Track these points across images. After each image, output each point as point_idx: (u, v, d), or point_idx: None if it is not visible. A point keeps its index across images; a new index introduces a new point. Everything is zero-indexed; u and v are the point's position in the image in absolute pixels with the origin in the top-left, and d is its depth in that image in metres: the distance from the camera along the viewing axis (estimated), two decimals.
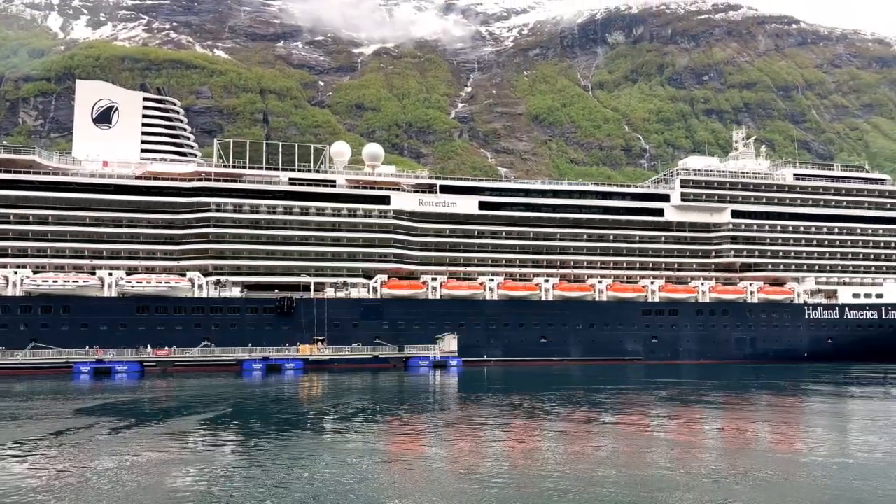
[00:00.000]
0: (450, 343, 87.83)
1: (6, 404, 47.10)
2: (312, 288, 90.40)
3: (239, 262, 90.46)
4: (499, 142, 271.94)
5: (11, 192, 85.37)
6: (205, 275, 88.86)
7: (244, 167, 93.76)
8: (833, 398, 52.29)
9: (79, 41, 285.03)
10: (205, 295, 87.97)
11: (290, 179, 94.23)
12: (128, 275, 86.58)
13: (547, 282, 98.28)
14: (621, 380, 68.89)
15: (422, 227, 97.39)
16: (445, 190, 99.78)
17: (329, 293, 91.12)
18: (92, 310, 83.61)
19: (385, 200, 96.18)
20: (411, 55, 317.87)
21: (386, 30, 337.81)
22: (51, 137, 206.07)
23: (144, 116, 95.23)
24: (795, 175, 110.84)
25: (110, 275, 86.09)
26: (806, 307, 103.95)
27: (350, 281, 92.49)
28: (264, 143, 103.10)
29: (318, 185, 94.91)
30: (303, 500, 20.58)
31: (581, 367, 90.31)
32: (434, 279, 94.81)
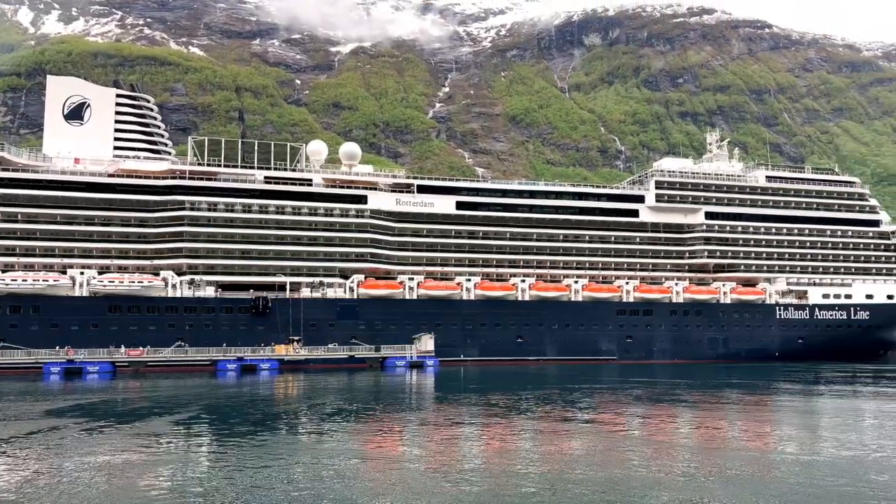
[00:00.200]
0: (426, 343, 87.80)
1: None
2: (288, 288, 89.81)
3: (213, 261, 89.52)
4: (476, 142, 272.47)
5: None
6: (179, 274, 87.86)
7: (219, 165, 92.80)
8: (803, 397, 53.19)
9: (50, 36, 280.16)
10: (179, 294, 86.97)
11: (265, 178, 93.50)
12: (100, 274, 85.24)
13: (523, 282, 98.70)
14: (596, 379, 69.42)
15: (399, 227, 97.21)
16: (423, 190, 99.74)
17: (305, 293, 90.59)
18: (63, 309, 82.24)
19: (362, 200, 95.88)
20: (389, 54, 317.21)
21: (363, 29, 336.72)
22: (20, 134, 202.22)
23: (117, 113, 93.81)
24: (767, 177, 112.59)
25: (82, 274, 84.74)
26: (777, 307, 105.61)
27: (326, 281, 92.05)
28: (240, 141, 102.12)
29: (295, 184, 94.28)
30: (278, 501, 20.45)
31: (557, 366, 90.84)
32: (411, 279, 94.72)
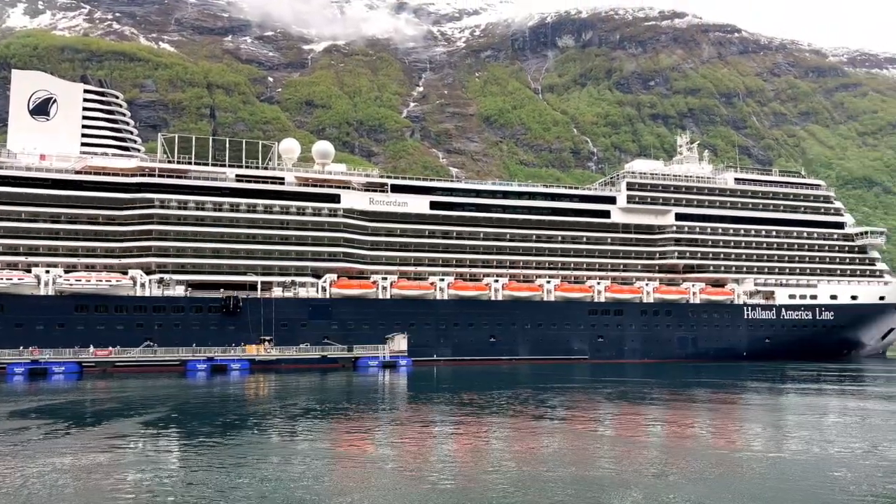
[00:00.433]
0: (400, 343, 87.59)
1: None
2: (259, 287, 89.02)
3: (183, 260, 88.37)
4: (450, 142, 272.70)
5: None
6: (147, 273, 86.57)
7: (190, 163, 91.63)
8: (770, 395, 54.15)
9: (15, 30, 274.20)
10: (147, 294, 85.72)
11: (237, 176, 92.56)
12: (66, 273, 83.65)
13: (497, 282, 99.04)
14: (568, 379, 69.91)
15: (372, 227, 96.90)
16: (396, 189, 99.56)
17: (277, 292, 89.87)
18: (27, 309, 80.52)
19: (335, 199, 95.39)
20: (363, 53, 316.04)
21: (337, 27, 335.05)
22: None
23: (85, 109, 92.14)
24: (736, 179, 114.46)
25: (47, 272, 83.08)
26: (745, 307, 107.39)
27: (298, 280, 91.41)
28: (211, 138, 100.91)
29: (267, 182, 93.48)
30: (249, 502, 20.27)
31: (529, 366, 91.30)
32: (384, 279, 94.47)
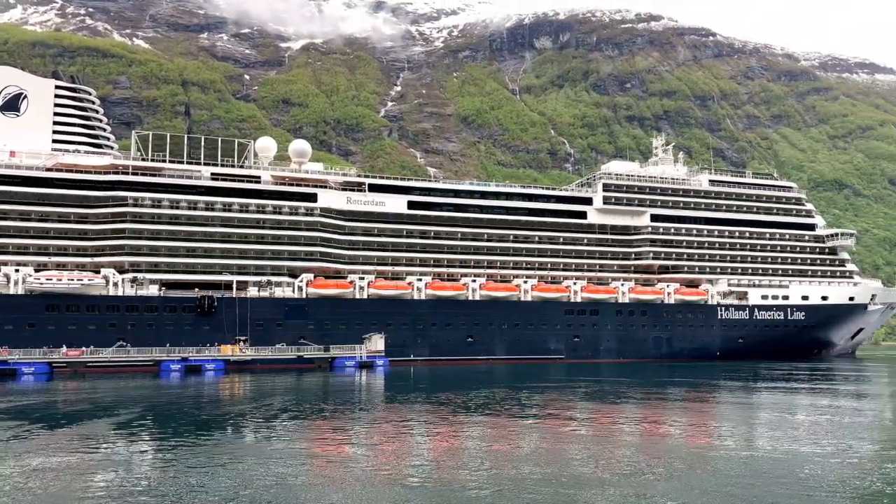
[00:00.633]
0: (377, 343, 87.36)
1: None
2: (235, 287, 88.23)
3: (157, 259, 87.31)
4: (428, 142, 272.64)
5: None
6: (120, 272, 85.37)
7: (164, 161, 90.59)
8: (743, 394, 54.88)
9: None
10: (120, 293, 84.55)
11: (212, 175, 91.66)
12: (36, 271, 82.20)
13: (474, 282, 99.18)
14: (544, 378, 70.24)
15: (350, 226, 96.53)
16: (374, 189, 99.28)
17: (252, 292, 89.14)
18: None
19: (312, 198, 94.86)
20: (340, 52, 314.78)
21: (314, 25, 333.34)
22: None
23: (56, 105, 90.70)
24: (711, 181, 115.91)
25: (17, 271, 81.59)
26: (719, 308, 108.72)
27: (274, 280, 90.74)
28: (186, 136, 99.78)
29: (242, 180, 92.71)
30: (222, 503, 20.07)
31: (506, 365, 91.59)
32: (362, 278, 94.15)
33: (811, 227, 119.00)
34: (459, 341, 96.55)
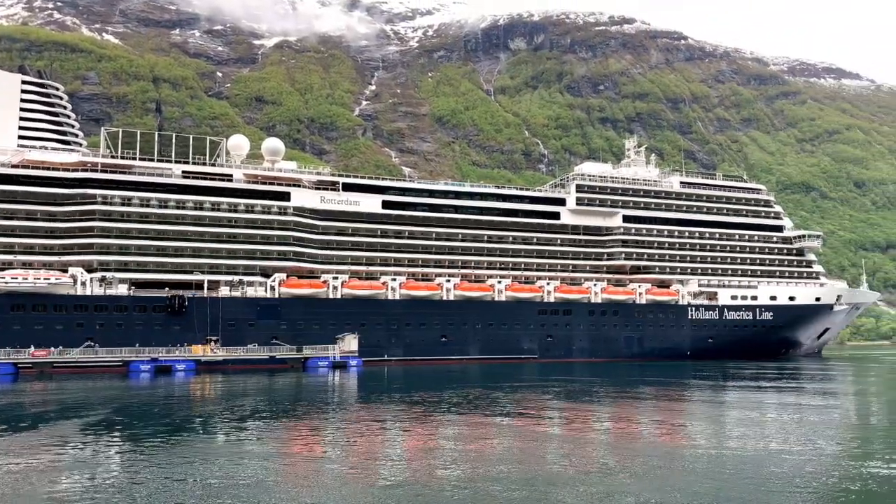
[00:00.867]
0: (350, 343, 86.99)
1: None
2: (206, 286, 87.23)
3: (127, 258, 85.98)
4: (403, 141, 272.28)
5: None
6: (89, 271, 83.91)
7: (134, 159, 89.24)
8: (712, 393, 55.65)
9: None
10: (89, 292, 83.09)
11: (183, 173, 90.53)
12: (1, 270, 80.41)
13: (448, 282, 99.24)
14: (518, 378, 70.53)
15: (323, 226, 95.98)
16: (348, 188, 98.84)
17: (224, 292, 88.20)
18: None
19: (285, 197, 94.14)
20: (314, 50, 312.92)
21: (288, 22, 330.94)
22: None
23: (23, 101, 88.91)
24: (682, 183, 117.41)
25: None
26: (689, 308, 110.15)
27: (246, 279, 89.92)
28: (156, 133, 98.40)
29: (214, 179, 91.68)
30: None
31: (480, 365, 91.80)
32: (335, 278, 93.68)
33: (779, 228, 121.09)
34: (433, 341, 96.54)
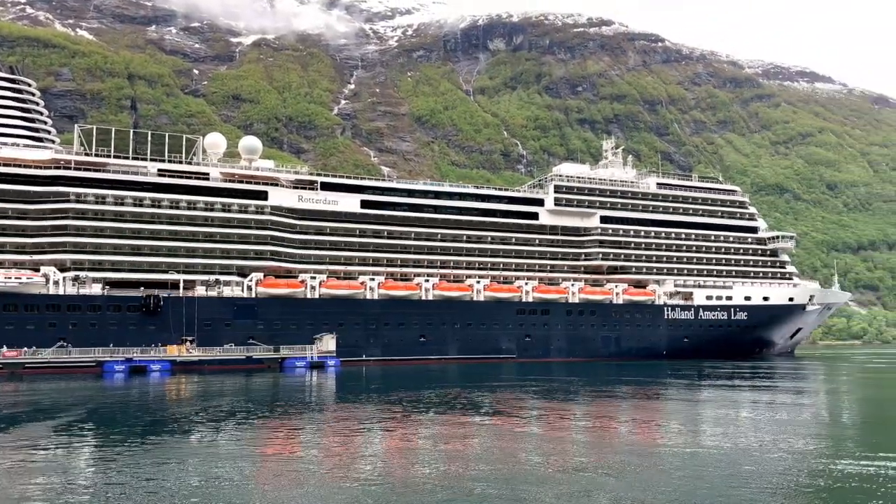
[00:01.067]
0: (328, 343, 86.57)
1: None
2: (182, 286, 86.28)
3: (101, 257, 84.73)
4: (382, 141, 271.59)
5: None
6: (62, 270, 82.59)
7: (109, 156, 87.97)
8: (688, 392, 56.26)
9: None
10: (61, 292, 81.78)
11: (159, 171, 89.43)
12: None
13: (427, 281, 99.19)
14: (496, 378, 70.70)
15: (301, 225, 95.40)
16: (326, 187, 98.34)
17: (200, 291, 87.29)
18: None
19: (262, 196, 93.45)
20: (293, 48, 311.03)
21: (266, 20, 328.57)
22: None
23: None
24: (658, 184, 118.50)
25: None
26: (665, 308, 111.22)
27: (223, 279, 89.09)
28: (131, 131, 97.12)
29: (190, 177, 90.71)
30: None
31: (458, 365, 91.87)
32: (313, 278, 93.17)
33: (754, 229, 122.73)
34: (412, 341, 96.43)
